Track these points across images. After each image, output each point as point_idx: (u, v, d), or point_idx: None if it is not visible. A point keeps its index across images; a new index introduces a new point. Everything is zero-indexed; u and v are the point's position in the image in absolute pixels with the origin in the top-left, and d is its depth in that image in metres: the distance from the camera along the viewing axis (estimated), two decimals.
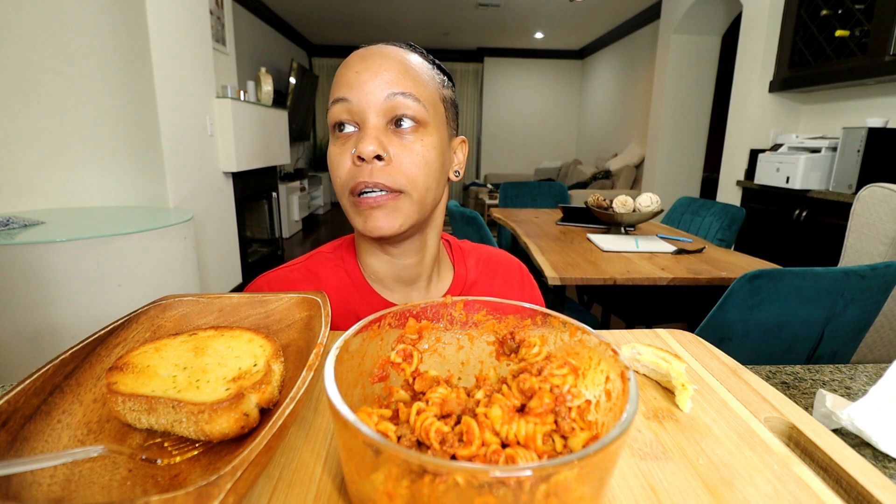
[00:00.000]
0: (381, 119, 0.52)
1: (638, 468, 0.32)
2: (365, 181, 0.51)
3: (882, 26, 2.12)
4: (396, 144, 0.52)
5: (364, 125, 0.52)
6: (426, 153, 0.53)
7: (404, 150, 0.52)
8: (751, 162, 2.90)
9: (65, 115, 2.18)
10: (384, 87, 0.51)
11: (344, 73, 0.53)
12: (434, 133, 0.54)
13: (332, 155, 0.54)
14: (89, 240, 1.64)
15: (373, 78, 0.51)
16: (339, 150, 0.53)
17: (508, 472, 0.19)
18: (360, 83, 0.51)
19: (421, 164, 0.53)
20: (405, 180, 0.52)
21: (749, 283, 0.93)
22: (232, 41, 3.39)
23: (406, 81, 0.52)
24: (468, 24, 5.84)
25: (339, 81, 0.53)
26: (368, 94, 0.51)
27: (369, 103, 0.51)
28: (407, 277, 0.62)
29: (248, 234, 3.60)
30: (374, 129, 0.51)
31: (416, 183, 0.53)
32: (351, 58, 0.54)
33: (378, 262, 0.61)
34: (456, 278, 0.67)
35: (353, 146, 0.52)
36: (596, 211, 1.81)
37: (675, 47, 3.92)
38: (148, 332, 0.41)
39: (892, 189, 1.37)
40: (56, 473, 0.27)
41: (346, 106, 0.52)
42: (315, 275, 0.63)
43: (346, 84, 0.52)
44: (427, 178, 0.54)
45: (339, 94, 0.52)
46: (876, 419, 0.43)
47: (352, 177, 0.52)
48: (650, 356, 0.43)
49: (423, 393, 0.31)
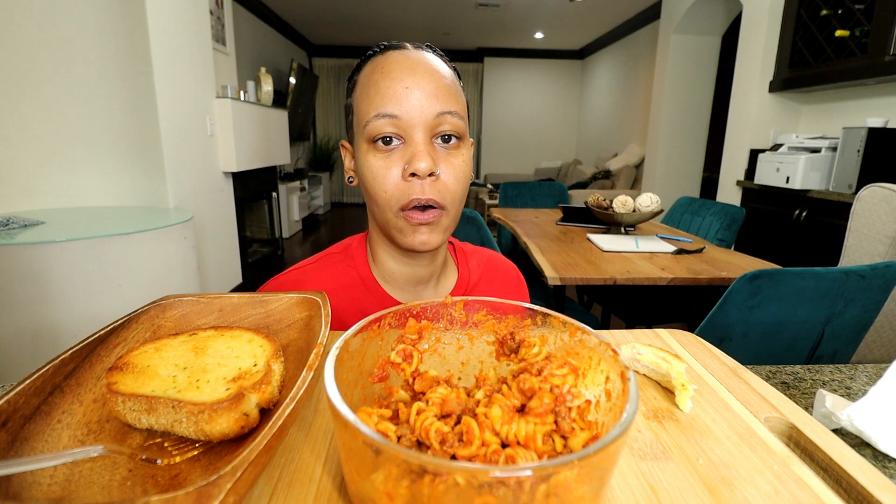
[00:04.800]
0: (428, 135, 0.52)
1: (638, 468, 0.32)
2: (419, 198, 0.51)
3: (882, 26, 2.12)
4: (441, 160, 0.53)
5: (411, 140, 0.51)
6: (465, 167, 0.54)
7: (449, 165, 0.53)
8: (751, 162, 2.90)
9: (65, 115, 2.18)
10: (435, 104, 0.51)
11: (390, 86, 0.51)
12: (467, 145, 0.56)
13: (374, 168, 0.53)
14: (89, 240, 1.64)
15: (423, 95, 0.51)
16: (384, 163, 0.52)
17: (508, 472, 0.19)
18: (409, 99, 0.51)
19: (461, 179, 0.54)
20: (449, 196, 0.53)
21: (749, 283, 0.93)
22: (232, 41, 3.39)
23: (451, 99, 0.52)
24: (468, 24, 5.84)
25: (383, 93, 0.51)
26: (420, 112, 0.51)
27: (420, 120, 0.51)
28: (421, 277, 0.63)
29: (248, 234, 3.60)
30: (426, 145, 0.51)
31: (456, 198, 0.55)
32: (392, 66, 0.52)
33: (396, 264, 0.62)
34: (460, 279, 0.68)
35: (400, 160, 0.52)
36: (596, 211, 1.81)
37: (675, 47, 3.92)
38: (148, 332, 0.41)
39: (892, 189, 1.37)
40: (56, 473, 0.27)
41: (394, 121, 0.51)
42: (325, 275, 0.63)
43: (393, 98, 0.51)
44: (464, 191, 0.55)
45: (387, 110, 0.51)
46: (876, 419, 0.43)
47: (403, 192, 0.52)
48: (650, 356, 0.43)
49: (423, 393, 0.31)
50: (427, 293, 0.65)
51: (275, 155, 3.76)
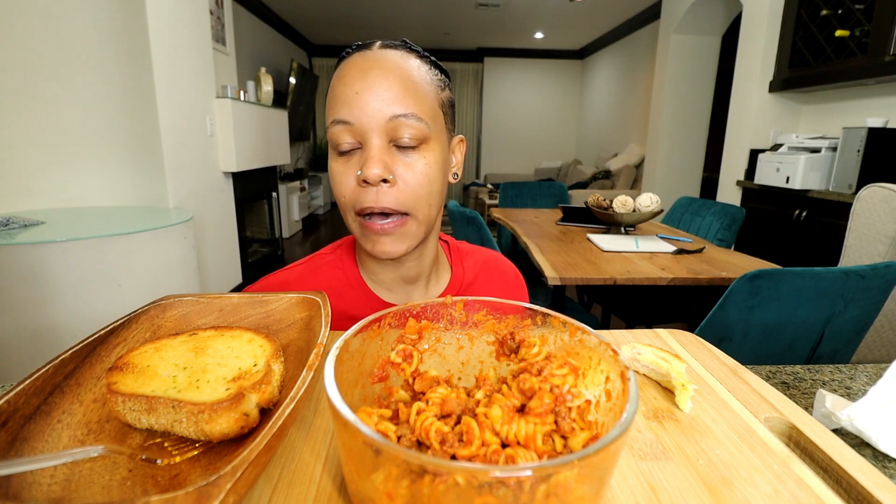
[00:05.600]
0: (383, 139, 0.50)
1: (638, 468, 0.32)
2: (371, 206, 0.50)
3: (882, 26, 2.12)
4: (400, 163, 0.51)
5: (366, 145, 0.50)
6: (429, 171, 0.52)
7: (408, 170, 0.51)
8: (751, 162, 2.90)
9: (65, 115, 2.18)
10: (386, 108, 0.49)
11: (342, 91, 0.50)
12: (436, 146, 0.53)
13: (334, 172, 0.53)
14: (89, 240, 1.64)
15: (374, 99, 0.49)
16: (341, 168, 0.52)
17: (508, 472, 0.19)
18: (360, 105, 0.49)
19: (425, 184, 0.52)
20: (411, 201, 0.52)
21: (749, 283, 0.93)
22: (232, 41, 3.39)
23: (407, 100, 0.50)
24: (468, 24, 5.84)
25: (336, 98, 0.51)
26: (370, 117, 0.49)
27: (371, 126, 0.49)
28: (408, 277, 0.63)
29: (248, 234, 3.60)
30: (379, 150, 0.50)
31: (421, 203, 0.53)
32: (346, 69, 0.51)
33: (379, 266, 0.62)
34: (453, 278, 0.68)
35: (356, 166, 0.51)
36: (596, 211, 1.81)
37: (675, 47, 3.92)
38: (148, 332, 0.41)
39: (892, 189, 1.37)
40: (56, 473, 0.27)
41: (348, 128, 0.50)
42: (314, 277, 0.63)
43: (345, 104, 0.50)
44: (430, 195, 0.53)
45: (339, 116, 0.50)
46: (876, 419, 0.43)
47: (357, 198, 0.51)
48: (650, 356, 0.43)
49: (423, 393, 0.31)
50: (417, 293, 0.65)
51: (275, 155, 3.76)
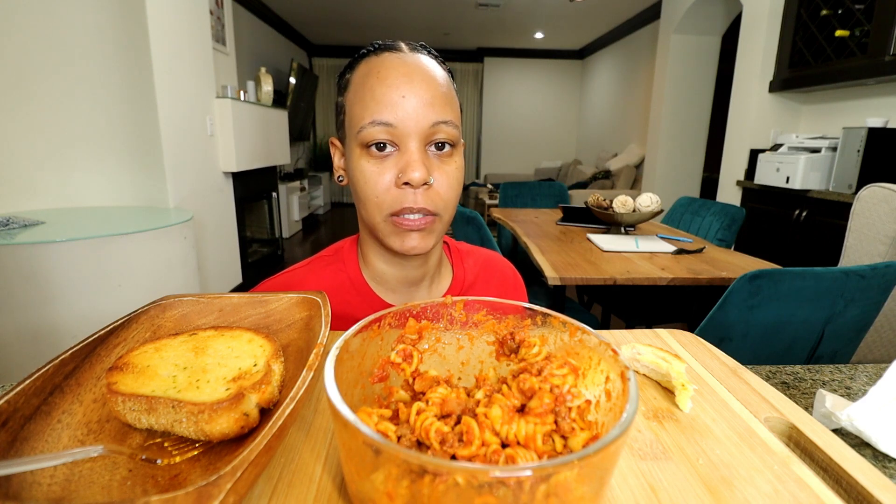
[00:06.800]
0: (422, 143, 0.52)
1: (638, 468, 0.32)
2: (411, 206, 0.51)
3: (882, 26, 2.12)
4: (435, 167, 0.53)
5: (405, 149, 0.51)
6: (458, 174, 0.55)
7: (442, 174, 0.53)
8: (751, 162, 2.90)
9: (65, 115, 2.18)
10: (430, 114, 0.51)
11: (384, 92, 0.50)
12: (461, 151, 0.56)
13: (367, 172, 0.52)
14: (89, 240, 1.64)
15: (420, 104, 0.50)
16: (377, 169, 0.52)
17: (508, 472, 0.19)
18: (405, 108, 0.50)
19: (455, 186, 0.54)
20: (442, 203, 0.54)
21: (749, 283, 0.93)
22: (232, 41, 3.39)
23: (446, 107, 0.52)
24: (468, 24, 5.84)
25: (378, 99, 0.50)
26: (415, 122, 0.50)
27: (414, 130, 0.51)
28: (413, 279, 0.63)
29: (248, 234, 3.60)
30: (421, 153, 0.51)
31: (449, 205, 0.55)
32: (388, 71, 0.51)
33: (386, 266, 0.62)
34: (455, 279, 0.68)
35: (393, 167, 0.52)
36: (596, 211, 1.81)
37: (675, 47, 3.92)
38: (148, 332, 0.41)
39: (892, 189, 1.37)
40: (56, 473, 0.27)
41: (389, 129, 0.50)
42: (316, 279, 0.63)
43: (388, 106, 0.50)
44: (457, 197, 0.56)
45: (382, 117, 0.50)
46: (876, 419, 0.43)
47: (395, 199, 0.52)
48: (650, 356, 0.43)
49: (423, 393, 0.31)
50: (420, 294, 0.65)
51: (275, 155, 3.76)
